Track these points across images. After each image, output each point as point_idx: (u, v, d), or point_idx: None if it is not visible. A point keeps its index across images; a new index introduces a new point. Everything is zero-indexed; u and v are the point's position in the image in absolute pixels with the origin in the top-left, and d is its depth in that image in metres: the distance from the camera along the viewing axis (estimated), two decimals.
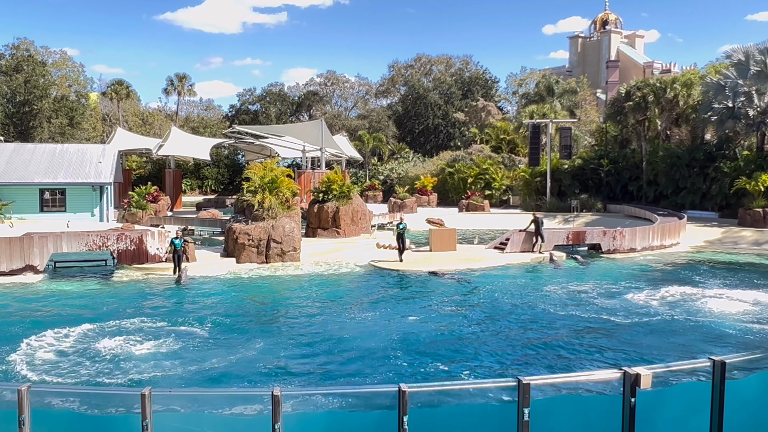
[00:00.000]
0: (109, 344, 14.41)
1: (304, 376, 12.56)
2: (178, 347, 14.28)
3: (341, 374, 12.76)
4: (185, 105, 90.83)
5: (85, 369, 12.89)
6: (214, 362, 13.24)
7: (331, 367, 13.21)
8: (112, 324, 16.17)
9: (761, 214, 34.79)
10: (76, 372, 12.70)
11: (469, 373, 12.71)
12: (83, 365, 13.09)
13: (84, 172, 39.94)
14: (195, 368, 12.87)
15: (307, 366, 13.19)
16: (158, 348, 14.22)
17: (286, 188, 28.28)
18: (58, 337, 14.97)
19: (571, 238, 29.42)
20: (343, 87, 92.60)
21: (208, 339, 15.06)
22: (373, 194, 57.27)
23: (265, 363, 13.32)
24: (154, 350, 14.08)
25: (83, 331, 15.50)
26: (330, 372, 12.91)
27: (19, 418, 6.13)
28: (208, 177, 77.75)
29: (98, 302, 19.29)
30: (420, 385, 7.09)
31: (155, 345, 14.41)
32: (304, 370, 12.96)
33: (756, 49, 40.40)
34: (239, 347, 14.33)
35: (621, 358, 13.37)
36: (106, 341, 14.62)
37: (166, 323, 16.38)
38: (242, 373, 12.65)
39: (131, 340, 14.75)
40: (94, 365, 13.09)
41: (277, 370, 12.88)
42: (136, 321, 16.51)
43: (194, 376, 12.51)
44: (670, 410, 7.10)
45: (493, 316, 17.53)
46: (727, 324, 16.42)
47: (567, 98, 61.74)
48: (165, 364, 13.13)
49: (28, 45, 65.63)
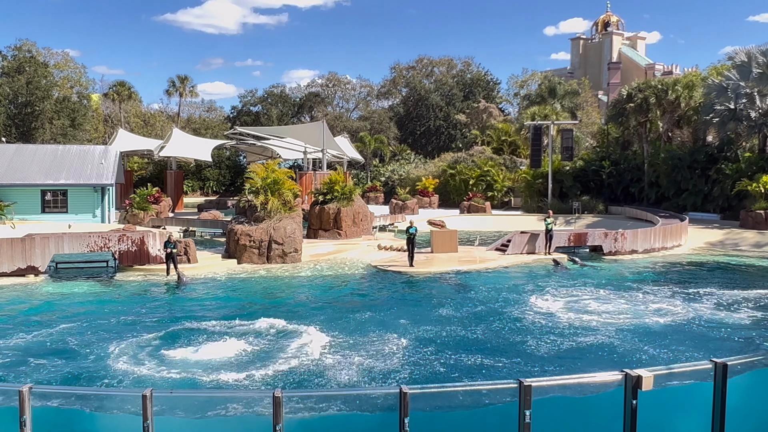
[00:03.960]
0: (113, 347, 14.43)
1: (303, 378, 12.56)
2: (179, 347, 14.30)
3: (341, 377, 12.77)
4: (187, 106, 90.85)
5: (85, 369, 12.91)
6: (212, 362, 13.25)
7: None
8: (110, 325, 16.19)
9: (763, 216, 34.75)
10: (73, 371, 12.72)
11: (469, 375, 12.70)
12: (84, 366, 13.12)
13: (86, 173, 39.98)
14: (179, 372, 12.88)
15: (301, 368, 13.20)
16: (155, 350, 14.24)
17: (287, 189, 28.28)
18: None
19: (572, 239, 29.39)
20: (344, 88, 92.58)
21: (205, 339, 15.08)
22: (375, 196, 57.25)
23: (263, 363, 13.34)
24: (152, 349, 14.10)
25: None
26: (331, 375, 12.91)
27: (20, 418, 6.13)
28: (210, 178, 77.73)
29: (97, 303, 19.31)
30: (421, 387, 7.08)
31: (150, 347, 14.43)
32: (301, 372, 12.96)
33: (758, 50, 40.38)
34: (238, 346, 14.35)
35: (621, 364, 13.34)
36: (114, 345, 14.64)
37: (163, 325, 16.40)
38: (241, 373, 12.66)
39: (133, 342, 14.77)
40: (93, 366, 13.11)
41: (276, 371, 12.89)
42: (138, 325, 16.53)
43: (195, 376, 12.51)
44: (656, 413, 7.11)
45: (488, 317, 17.50)
46: (728, 326, 16.40)
47: (568, 100, 61.69)
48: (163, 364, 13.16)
49: (30, 46, 65.65)
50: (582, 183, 48.43)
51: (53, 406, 7.36)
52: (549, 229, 28.18)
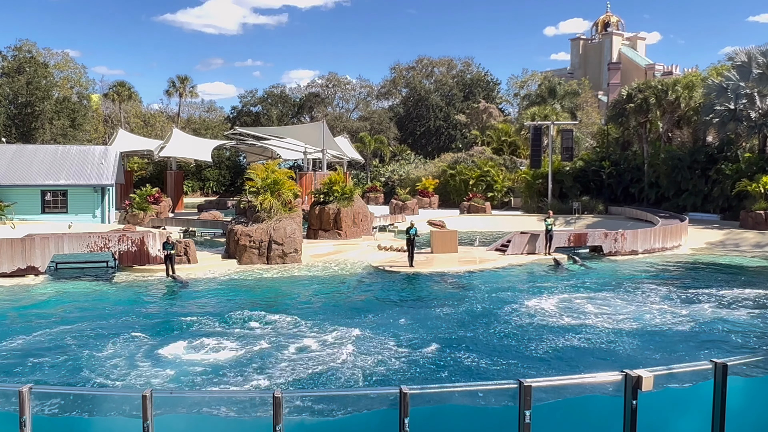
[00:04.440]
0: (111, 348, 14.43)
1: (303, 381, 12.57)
2: (179, 348, 14.30)
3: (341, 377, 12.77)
4: (187, 106, 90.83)
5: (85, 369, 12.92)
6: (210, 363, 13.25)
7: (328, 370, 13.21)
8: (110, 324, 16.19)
9: (763, 216, 34.74)
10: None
11: (467, 376, 12.70)
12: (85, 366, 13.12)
13: (86, 173, 39.97)
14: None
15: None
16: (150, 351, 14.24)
17: (287, 190, 28.28)
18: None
19: (572, 240, 29.37)
20: (344, 89, 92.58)
21: (201, 340, 15.07)
22: (375, 196, 57.25)
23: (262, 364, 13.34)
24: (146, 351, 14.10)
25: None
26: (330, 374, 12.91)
27: (20, 419, 6.11)
28: (210, 178, 77.73)
29: (97, 304, 19.31)
30: (421, 387, 7.07)
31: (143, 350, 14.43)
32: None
33: (758, 50, 40.37)
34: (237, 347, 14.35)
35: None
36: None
37: (162, 326, 16.39)
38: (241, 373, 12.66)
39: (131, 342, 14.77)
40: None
41: (277, 370, 12.89)
42: (137, 325, 16.53)
43: (193, 377, 12.52)
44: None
45: (487, 317, 17.49)
46: (728, 327, 16.39)
47: (568, 100, 61.67)
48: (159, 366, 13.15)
49: (30, 46, 65.62)
50: (582, 183, 48.43)
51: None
52: (549, 229, 28.18)
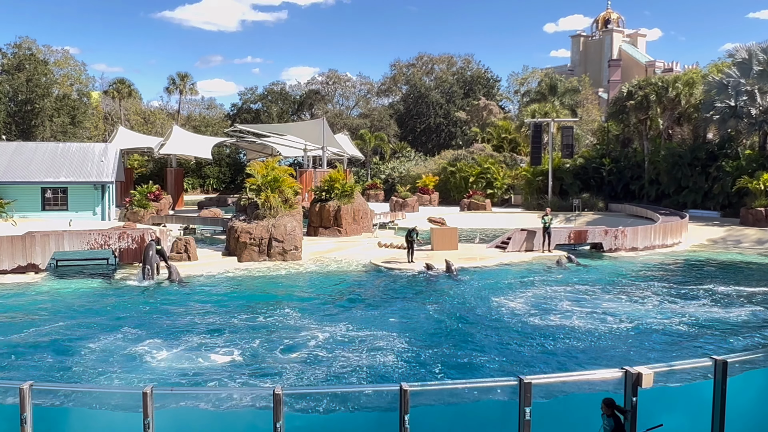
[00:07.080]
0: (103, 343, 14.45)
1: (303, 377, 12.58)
2: (178, 348, 14.31)
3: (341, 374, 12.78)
4: (187, 104, 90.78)
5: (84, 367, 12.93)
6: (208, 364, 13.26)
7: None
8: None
9: (763, 213, 34.73)
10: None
11: (466, 372, 12.71)
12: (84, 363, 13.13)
13: (86, 170, 39.92)
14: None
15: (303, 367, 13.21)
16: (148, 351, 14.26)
17: (287, 187, 28.26)
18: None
19: (572, 237, 29.38)
20: (344, 86, 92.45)
21: (199, 340, 15.09)
22: (375, 193, 57.21)
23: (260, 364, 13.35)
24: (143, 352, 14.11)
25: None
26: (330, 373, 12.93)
27: (21, 416, 6.12)
28: (210, 176, 77.72)
29: (97, 301, 19.32)
30: (421, 384, 7.08)
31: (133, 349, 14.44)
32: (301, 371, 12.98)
33: (759, 47, 40.32)
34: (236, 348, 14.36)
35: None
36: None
37: (162, 322, 16.40)
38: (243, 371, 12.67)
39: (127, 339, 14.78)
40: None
41: (276, 370, 12.90)
42: (137, 322, 16.53)
43: (194, 377, 12.52)
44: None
45: (486, 314, 17.51)
46: (728, 323, 16.40)
47: (569, 97, 61.57)
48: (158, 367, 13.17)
49: (30, 44, 65.54)
50: (582, 180, 48.41)
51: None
52: (547, 226, 28.18)
